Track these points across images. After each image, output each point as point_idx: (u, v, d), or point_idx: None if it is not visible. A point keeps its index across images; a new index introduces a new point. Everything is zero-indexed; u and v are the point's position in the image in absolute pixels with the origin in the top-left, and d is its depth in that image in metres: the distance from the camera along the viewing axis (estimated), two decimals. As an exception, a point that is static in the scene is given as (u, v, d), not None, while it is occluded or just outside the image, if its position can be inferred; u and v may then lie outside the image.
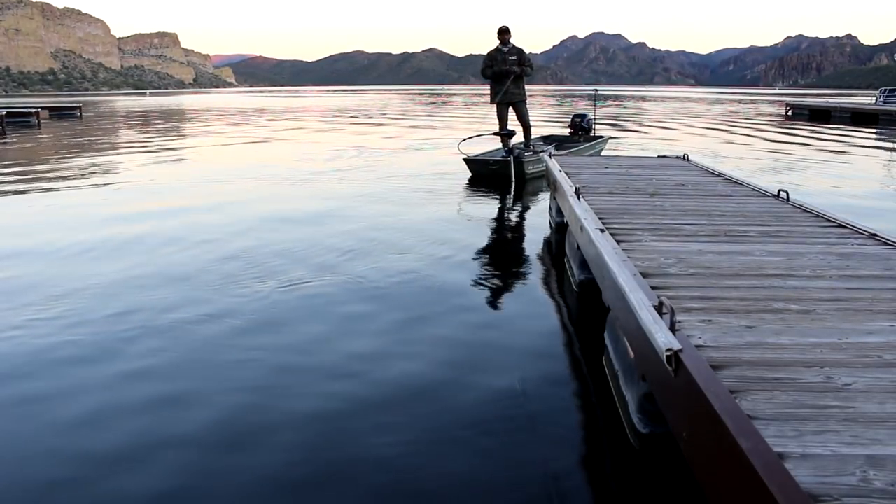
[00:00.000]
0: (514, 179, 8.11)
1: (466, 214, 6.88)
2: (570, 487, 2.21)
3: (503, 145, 9.32)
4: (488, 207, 7.27)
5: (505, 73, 9.04)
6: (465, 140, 9.53)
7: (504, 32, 9.09)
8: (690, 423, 1.70)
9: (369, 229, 5.90)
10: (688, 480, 1.97)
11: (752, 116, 28.65)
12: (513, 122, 9.40)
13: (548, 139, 11.65)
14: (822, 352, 1.91)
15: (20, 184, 9.30)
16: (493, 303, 4.14)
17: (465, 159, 9.08)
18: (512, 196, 7.75)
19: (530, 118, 9.60)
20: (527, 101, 9.44)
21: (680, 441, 1.77)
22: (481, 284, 4.51)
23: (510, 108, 9.29)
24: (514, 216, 7.01)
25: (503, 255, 5.37)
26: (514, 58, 9.09)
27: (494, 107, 9.35)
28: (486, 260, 5.16)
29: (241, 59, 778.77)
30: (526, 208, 7.40)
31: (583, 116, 11.30)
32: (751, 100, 57.42)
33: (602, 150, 10.81)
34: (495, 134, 9.33)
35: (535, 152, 9.37)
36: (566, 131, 11.84)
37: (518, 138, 9.67)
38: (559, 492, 2.17)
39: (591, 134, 11.18)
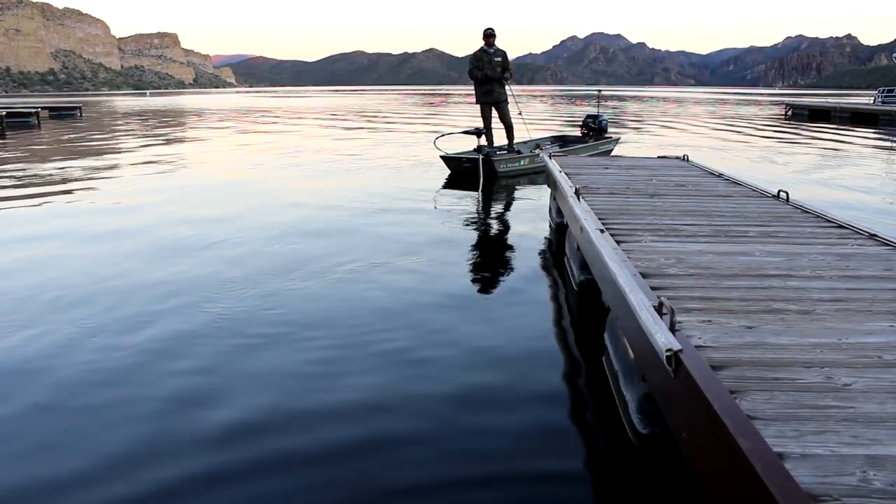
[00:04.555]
0: (482, 178, 8.26)
1: (463, 213, 6.86)
2: (571, 487, 2.21)
3: (488, 143, 9.55)
4: (481, 206, 7.29)
5: (493, 79, 9.36)
6: (439, 137, 9.82)
7: (490, 35, 9.41)
8: (690, 423, 1.70)
9: (358, 223, 5.94)
10: (688, 481, 1.97)
11: (751, 117, 28.64)
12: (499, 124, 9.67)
13: (557, 139, 11.70)
14: (822, 352, 1.91)
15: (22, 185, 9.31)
16: (492, 303, 4.14)
17: (441, 156, 9.40)
18: (480, 194, 7.85)
19: (513, 118, 9.83)
20: (509, 102, 9.72)
21: (680, 441, 1.78)
22: (480, 284, 4.52)
23: (493, 109, 9.59)
24: (509, 215, 7.01)
25: (502, 254, 5.37)
26: (499, 59, 9.40)
27: (478, 107, 9.68)
28: (485, 260, 5.17)
29: (241, 60, 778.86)
30: (511, 206, 7.44)
31: (595, 117, 11.35)
32: (750, 100, 57.41)
33: (612, 150, 10.86)
34: (465, 132, 9.59)
35: (514, 151, 9.65)
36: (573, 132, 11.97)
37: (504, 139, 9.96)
38: (559, 492, 2.17)
39: (605, 134, 11.23)
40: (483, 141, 9.27)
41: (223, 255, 5.05)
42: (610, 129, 11.85)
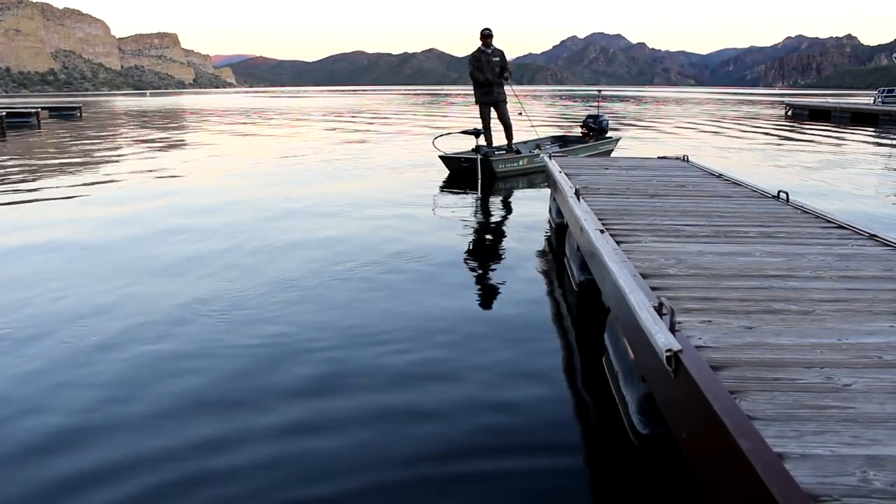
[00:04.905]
0: (479, 178, 8.30)
1: (462, 214, 6.86)
2: (571, 487, 2.21)
3: (487, 143, 9.61)
4: (480, 207, 7.30)
5: (494, 82, 9.45)
6: (438, 137, 9.92)
7: (487, 36, 9.51)
8: (690, 423, 1.70)
9: (357, 223, 5.95)
10: (688, 481, 1.97)
11: (751, 117, 28.64)
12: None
13: (557, 139, 11.73)
14: (822, 352, 1.92)
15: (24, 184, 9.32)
16: (492, 303, 4.14)
17: (440, 156, 9.47)
18: (479, 193, 7.89)
19: (515, 118, 9.93)
20: (507, 102, 9.80)
21: (680, 442, 1.78)
22: (479, 285, 4.52)
23: (492, 109, 9.66)
24: (508, 215, 7.01)
25: (502, 255, 5.37)
26: (497, 59, 9.50)
27: (478, 107, 9.77)
28: (484, 260, 5.17)
29: (241, 60, 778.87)
30: (510, 207, 7.45)
31: (595, 117, 11.39)
32: (751, 100, 57.41)
33: (612, 150, 10.89)
34: (464, 132, 9.68)
35: (512, 151, 9.72)
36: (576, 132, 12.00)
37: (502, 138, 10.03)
38: (559, 492, 2.17)
39: (605, 135, 11.26)
40: (482, 141, 9.31)
41: (221, 258, 5.05)
42: (609, 130, 11.87)
